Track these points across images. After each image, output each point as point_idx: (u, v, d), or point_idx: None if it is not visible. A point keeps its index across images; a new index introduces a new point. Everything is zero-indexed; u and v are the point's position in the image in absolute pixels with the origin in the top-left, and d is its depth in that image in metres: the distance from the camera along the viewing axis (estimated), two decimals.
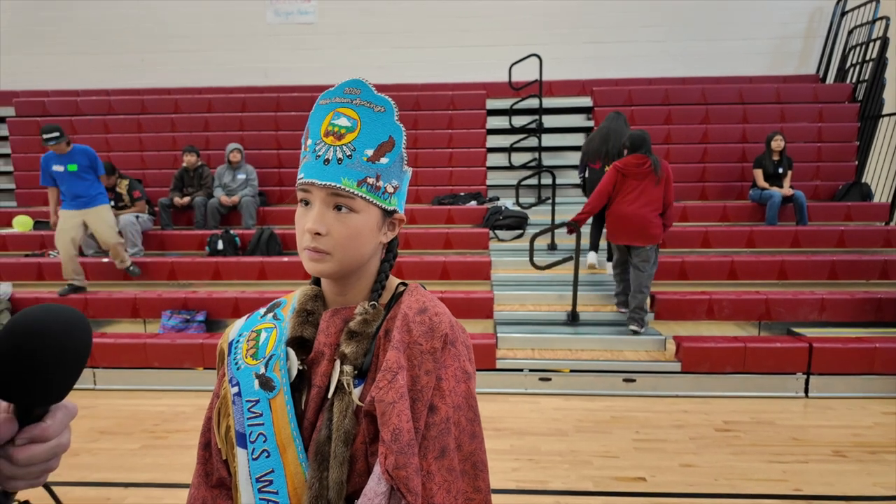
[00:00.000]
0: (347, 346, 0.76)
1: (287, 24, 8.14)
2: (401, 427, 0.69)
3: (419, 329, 0.76)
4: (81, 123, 7.31)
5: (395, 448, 0.68)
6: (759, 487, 2.78)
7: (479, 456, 0.78)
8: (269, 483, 0.75)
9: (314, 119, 0.78)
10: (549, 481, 2.84)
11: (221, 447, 0.82)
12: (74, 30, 8.28)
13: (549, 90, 7.22)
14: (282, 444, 0.75)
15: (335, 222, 0.76)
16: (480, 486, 0.77)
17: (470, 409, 0.78)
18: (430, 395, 0.73)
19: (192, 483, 0.86)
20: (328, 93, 0.78)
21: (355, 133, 0.75)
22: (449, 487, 0.72)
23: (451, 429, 0.74)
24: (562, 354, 4.23)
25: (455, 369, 0.77)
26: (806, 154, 6.50)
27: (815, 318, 4.58)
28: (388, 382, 0.71)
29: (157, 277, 5.38)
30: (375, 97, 0.77)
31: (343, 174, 0.75)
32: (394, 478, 0.67)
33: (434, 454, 0.72)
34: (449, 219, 6.25)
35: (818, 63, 7.74)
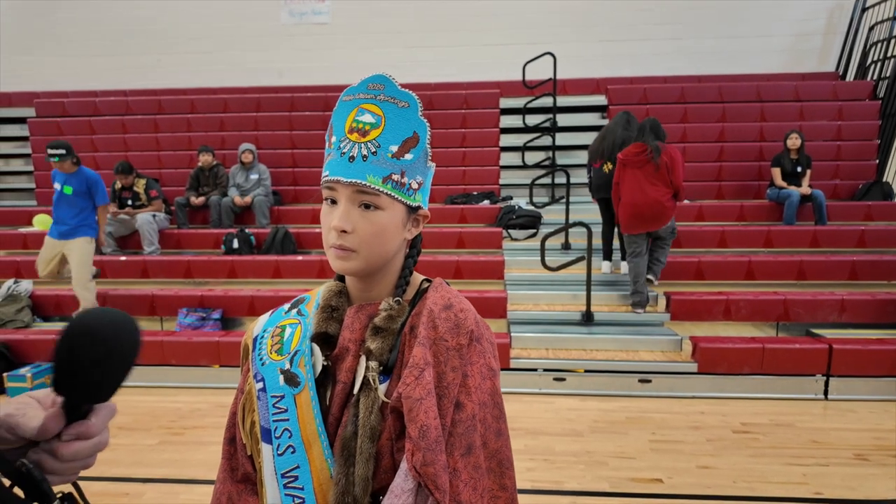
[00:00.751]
0: (373, 341, 0.76)
1: (301, 24, 8.19)
2: (428, 424, 0.69)
3: (445, 325, 0.76)
4: (100, 123, 7.42)
5: (422, 445, 0.68)
6: (778, 490, 2.74)
7: (504, 453, 0.77)
8: (295, 479, 0.75)
9: (338, 116, 0.78)
10: (565, 482, 2.83)
11: (246, 442, 0.82)
12: (93, 32, 8.41)
13: (563, 88, 7.19)
14: (307, 440, 0.76)
15: (361, 220, 0.75)
16: (506, 484, 0.76)
17: (495, 407, 0.77)
18: (455, 392, 0.73)
19: (218, 478, 0.86)
20: (351, 89, 0.78)
21: (380, 129, 0.75)
22: (475, 485, 0.72)
23: (476, 426, 0.74)
24: (576, 354, 4.20)
25: (481, 366, 0.76)
26: (825, 152, 6.40)
27: (834, 319, 4.50)
28: (415, 379, 0.71)
29: (173, 276, 5.44)
30: (399, 92, 0.77)
31: (368, 171, 0.74)
32: (421, 474, 0.67)
33: (460, 451, 0.72)
34: (462, 218, 6.24)
35: (838, 60, 7.62)
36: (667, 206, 4.28)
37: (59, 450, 0.51)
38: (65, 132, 7.42)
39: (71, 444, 0.51)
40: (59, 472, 0.52)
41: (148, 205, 5.90)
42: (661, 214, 4.30)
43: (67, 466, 0.52)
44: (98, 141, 7.34)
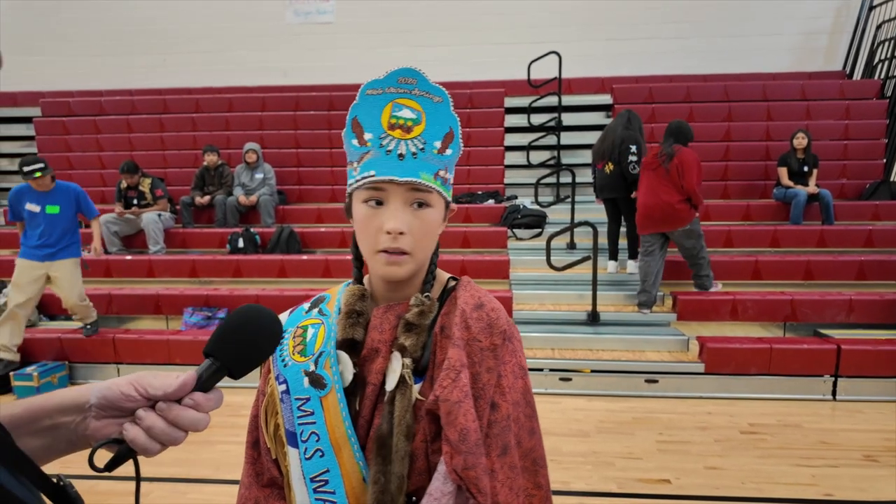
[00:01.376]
0: (406, 338, 0.75)
1: (306, 23, 8.19)
2: (468, 427, 0.68)
3: (478, 325, 0.75)
4: (105, 123, 7.44)
5: (463, 448, 0.67)
6: (787, 491, 2.72)
7: (538, 451, 0.77)
8: (325, 483, 0.74)
9: (366, 111, 0.74)
10: (572, 482, 2.81)
11: (271, 446, 0.81)
12: (98, 31, 8.43)
13: (568, 87, 7.17)
14: (336, 444, 0.74)
15: (413, 219, 0.74)
16: (541, 482, 0.77)
17: (528, 406, 0.77)
18: (491, 393, 0.72)
19: (243, 483, 0.84)
20: (377, 82, 0.74)
21: (422, 125, 0.73)
22: (511, 485, 0.72)
23: (511, 426, 0.73)
24: (582, 354, 4.19)
25: (513, 365, 0.76)
26: (832, 152, 6.36)
27: (842, 319, 4.47)
28: (452, 381, 0.70)
29: (179, 275, 5.44)
30: (432, 87, 0.75)
31: (421, 168, 0.73)
32: (463, 478, 0.67)
33: (497, 452, 0.71)
34: (466, 217, 6.23)
35: (845, 59, 7.57)
36: (677, 209, 4.31)
37: (175, 411, 0.54)
38: (70, 132, 7.45)
39: (187, 409, 0.54)
40: (156, 434, 0.53)
41: (153, 204, 5.91)
42: (671, 216, 4.34)
43: (169, 433, 0.54)
44: (103, 140, 7.36)
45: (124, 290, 5.05)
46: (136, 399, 0.54)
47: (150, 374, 0.56)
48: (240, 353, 0.58)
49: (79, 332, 4.43)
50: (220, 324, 0.59)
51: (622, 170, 4.76)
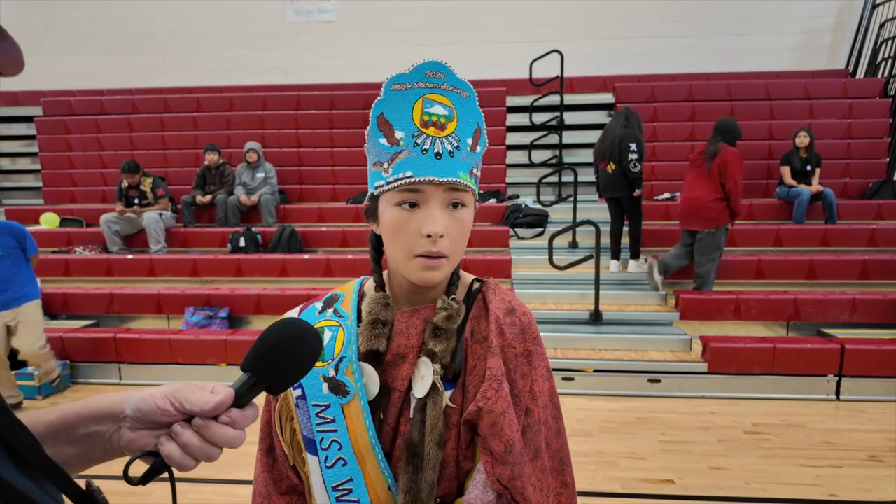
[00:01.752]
0: (436, 343, 0.73)
1: (307, 22, 8.18)
2: (513, 437, 0.68)
3: (511, 331, 0.74)
4: (106, 122, 7.43)
5: (510, 459, 0.67)
6: (792, 492, 2.71)
7: (564, 451, 0.79)
8: (349, 492, 0.72)
9: (394, 107, 0.70)
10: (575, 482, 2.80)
11: (288, 453, 0.78)
12: (100, 31, 8.42)
13: (570, 86, 7.15)
14: (360, 453, 0.72)
15: (451, 220, 0.70)
16: (567, 481, 0.78)
17: (554, 407, 0.78)
18: (526, 399, 0.72)
19: (259, 493, 0.81)
20: (402, 76, 0.71)
21: (454, 122, 0.70)
22: (541, 486, 0.73)
23: (542, 430, 0.74)
24: (585, 354, 4.17)
25: (542, 369, 0.76)
26: (835, 151, 6.34)
27: (846, 319, 4.45)
28: (496, 392, 0.69)
29: (180, 274, 5.44)
30: (460, 82, 0.72)
31: (458, 168, 0.70)
32: (510, 489, 0.67)
33: (529, 456, 0.71)
34: None
35: (848, 57, 7.54)
36: (708, 207, 4.40)
37: (212, 429, 0.52)
38: (71, 131, 7.44)
39: (224, 427, 0.53)
40: (192, 451, 0.52)
41: (154, 203, 5.90)
42: (701, 212, 4.45)
43: (205, 450, 0.53)
44: (104, 139, 7.36)
45: (125, 290, 5.04)
46: (171, 413, 0.53)
47: (188, 387, 0.55)
48: (280, 370, 0.56)
49: (80, 331, 4.43)
50: (259, 338, 0.57)
51: (623, 169, 4.74)
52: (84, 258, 5.58)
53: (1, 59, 0.35)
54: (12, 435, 0.42)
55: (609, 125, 5.02)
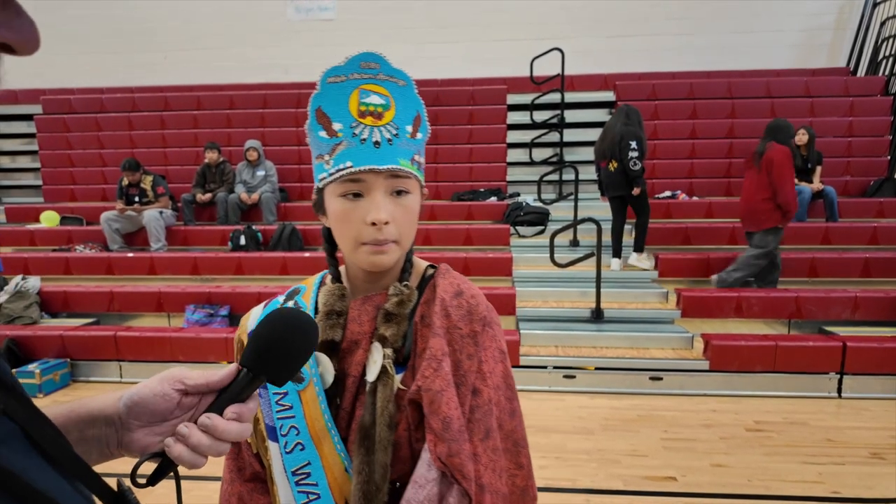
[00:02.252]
0: (386, 328, 0.75)
1: (307, 20, 8.17)
2: (451, 415, 0.69)
3: (457, 313, 0.75)
4: (106, 121, 7.42)
5: (447, 436, 0.68)
6: (794, 489, 2.70)
7: (519, 433, 0.78)
8: (307, 476, 0.73)
9: (331, 100, 0.71)
10: (578, 479, 2.80)
11: (251, 441, 0.80)
12: (99, 29, 8.41)
13: (570, 84, 7.14)
14: (316, 437, 0.74)
15: (396, 207, 0.72)
16: (522, 462, 0.77)
17: (508, 388, 0.78)
18: (473, 379, 0.73)
19: (225, 479, 0.84)
20: (337, 69, 0.71)
21: (392, 111, 0.71)
22: (494, 467, 0.72)
23: (493, 410, 0.74)
24: (586, 352, 4.17)
25: (493, 350, 0.77)
26: (836, 149, 6.34)
27: (847, 316, 4.45)
28: (434, 371, 0.70)
29: (180, 272, 5.43)
30: (396, 71, 0.73)
31: (398, 155, 0.71)
32: (447, 465, 0.67)
33: (479, 436, 0.72)
34: (469, 215, 6.21)
35: (849, 55, 7.54)
36: (758, 209, 4.43)
37: (219, 426, 0.52)
38: (71, 129, 7.43)
39: (231, 423, 0.53)
40: (203, 450, 0.52)
41: (155, 201, 5.89)
42: (751, 214, 4.50)
43: (214, 447, 0.52)
44: (104, 138, 7.35)
45: (126, 288, 5.04)
46: (172, 397, 0.54)
47: (181, 370, 0.55)
48: (280, 363, 0.56)
49: (81, 330, 4.42)
50: (256, 332, 0.56)
51: (624, 167, 4.74)
52: (84, 256, 5.57)
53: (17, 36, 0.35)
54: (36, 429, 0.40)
55: (609, 123, 5.01)
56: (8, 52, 0.36)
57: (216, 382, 0.54)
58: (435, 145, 6.91)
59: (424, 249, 5.64)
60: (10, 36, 0.34)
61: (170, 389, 0.53)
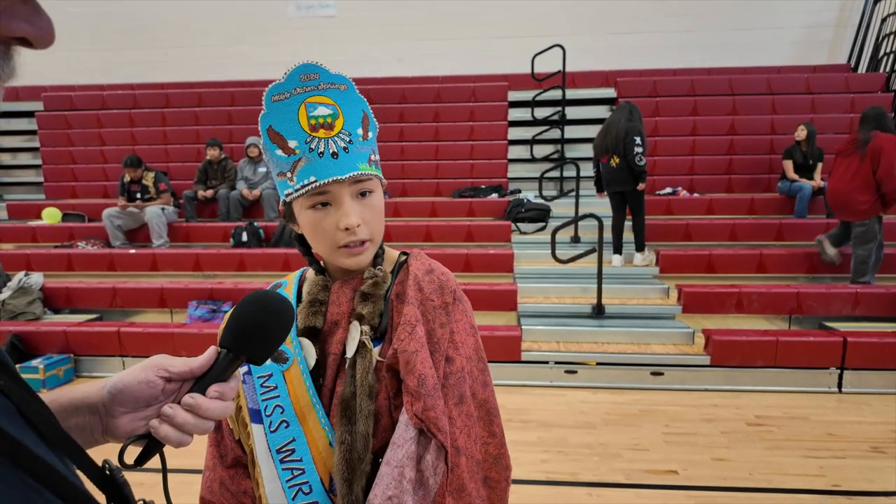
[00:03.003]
0: (363, 307, 0.79)
1: (308, 17, 8.16)
2: (425, 373, 0.72)
3: (430, 287, 0.80)
4: (107, 117, 7.42)
5: (422, 392, 0.71)
6: (795, 482, 2.72)
7: (491, 403, 0.81)
8: (292, 452, 0.75)
9: (281, 119, 0.73)
10: (580, 473, 2.82)
11: (233, 427, 0.82)
12: (100, 25, 8.40)
13: (571, 81, 7.14)
14: (301, 413, 0.76)
15: (364, 209, 0.77)
16: (495, 431, 0.81)
17: (480, 360, 0.82)
18: (445, 347, 0.77)
19: (207, 466, 0.86)
20: (279, 87, 0.73)
21: (340, 119, 0.74)
22: (469, 432, 0.76)
23: (465, 378, 0.77)
24: (588, 347, 4.18)
25: (464, 324, 0.81)
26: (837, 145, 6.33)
27: (848, 312, 4.46)
28: (409, 334, 0.74)
29: (183, 268, 5.44)
30: (335, 77, 0.76)
31: (357, 160, 0.75)
32: (423, 420, 0.70)
33: (454, 401, 0.75)
34: (470, 211, 6.22)
35: (850, 52, 7.54)
36: (856, 200, 4.35)
37: (203, 404, 0.54)
38: (72, 126, 7.44)
39: (213, 400, 0.55)
40: (188, 429, 0.54)
41: (157, 198, 5.90)
42: (847, 204, 4.43)
43: (199, 425, 0.55)
44: (106, 135, 7.35)
45: (129, 284, 5.05)
46: (156, 384, 0.55)
47: (165, 356, 0.57)
48: (257, 343, 0.59)
49: (84, 325, 4.43)
50: (233, 314, 0.59)
51: (628, 162, 4.74)
52: (87, 253, 5.58)
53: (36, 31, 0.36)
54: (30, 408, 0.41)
55: (611, 119, 5.01)
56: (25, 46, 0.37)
57: (198, 367, 0.57)
58: (436, 142, 6.92)
59: (426, 246, 5.66)
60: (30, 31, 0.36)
61: (153, 376, 0.55)
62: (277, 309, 0.60)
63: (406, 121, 7.10)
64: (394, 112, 7.13)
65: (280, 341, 0.62)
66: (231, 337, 0.58)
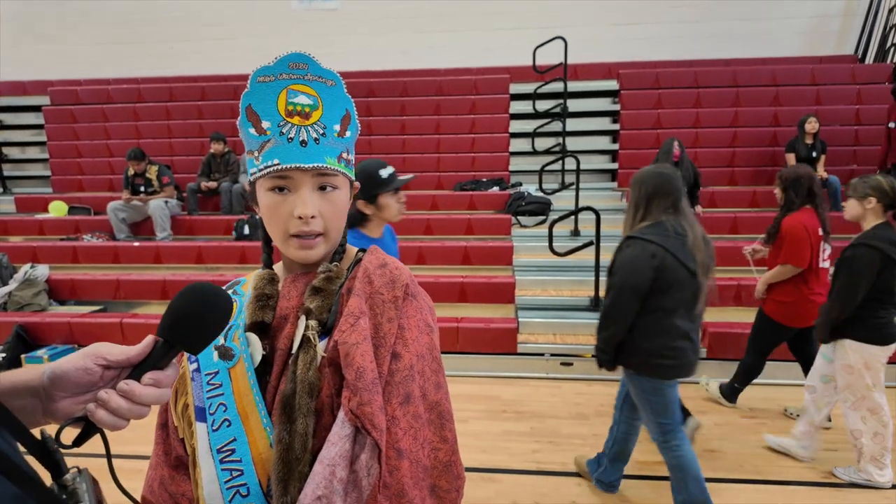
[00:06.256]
0: (312, 301, 0.77)
1: (311, 10, 8.17)
2: (364, 366, 0.69)
3: (380, 280, 0.77)
4: (112, 111, 7.49)
5: (359, 386, 0.67)
6: (787, 474, 2.73)
7: (444, 406, 0.77)
8: (232, 452, 0.73)
9: (260, 99, 0.75)
10: (570, 463, 2.84)
11: (178, 425, 0.80)
12: (105, 20, 8.46)
13: (573, 73, 7.11)
14: (243, 412, 0.74)
15: (323, 202, 0.76)
16: (447, 436, 0.76)
17: (434, 360, 0.78)
18: (392, 342, 0.73)
19: (151, 463, 0.84)
20: (267, 69, 0.75)
21: (320, 111, 0.75)
22: (415, 435, 0.72)
23: (414, 376, 0.73)
24: (584, 339, 4.19)
25: (417, 321, 0.77)
26: (842, 138, 6.27)
27: None
28: (351, 326, 0.71)
29: (185, 261, 5.50)
30: (325, 71, 0.76)
31: (325, 153, 0.75)
32: (358, 415, 0.66)
33: (398, 400, 0.71)
34: (471, 205, 6.23)
35: (857, 43, 7.43)
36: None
37: (136, 390, 0.56)
38: (78, 120, 7.51)
39: (148, 387, 0.57)
40: (122, 414, 0.56)
41: (160, 191, 5.96)
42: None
43: (134, 410, 0.57)
44: (111, 129, 7.42)
45: (132, 276, 5.12)
46: (94, 371, 0.57)
47: (104, 345, 0.59)
48: (192, 333, 0.61)
49: (88, 317, 4.51)
50: (170, 304, 0.61)
51: None
52: (92, 245, 5.66)
53: None
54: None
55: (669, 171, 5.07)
56: None
57: (135, 356, 0.59)
58: (437, 135, 6.92)
59: (426, 239, 5.68)
60: None
61: (91, 364, 0.57)
62: (212, 300, 0.61)
63: (408, 114, 7.11)
64: (395, 105, 7.13)
65: (215, 332, 0.62)
66: (166, 327, 0.59)
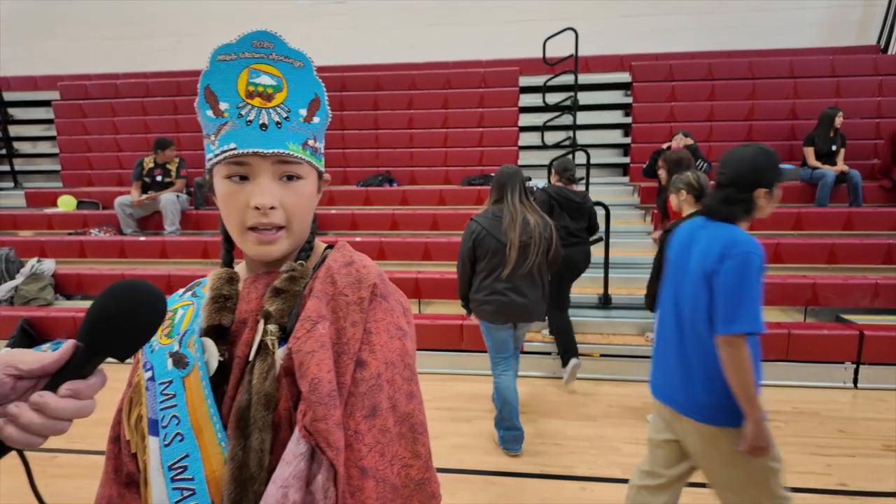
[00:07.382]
0: (272, 303, 0.70)
1: (318, 4, 8.10)
2: (320, 377, 0.62)
3: (345, 280, 0.70)
4: (121, 106, 7.50)
5: (313, 399, 0.61)
6: (800, 480, 2.62)
7: (417, 417, 0.70)
8: (184, 469, 0.66)
9: (220, 78, 0.68)
10: (575, 466, 2.76)
11: (130, 438, 0.73)
12: (113, 15, 8.48)
13: (584, 66, 6.96)
14: (197, 425, 0.67)
15: (285, 192, 0.70)
16: (420, 451, 0.69)
17: (406, 368, 0.71)
18: (357, 349, 0.66)
19: (101, 481, 0.77)
20: (228, 46, 0.68)
21: (284, 93, 0.68)
22: (383, 451, 0.65)
23: (383, 386, 0.66)
24: (592, 339, 4.10)
25: (387, 324, 0.70)
26: (863, 131, 6.07)
27: (866, 304, 4.29)
28: (307, 332, 0.65)
29: (191, 256, 5.49)
30: (292, 51, 0.70)
31: (287, 139, 0.68)
32: (311, 432, 0.60)
33: (363, 412, 0.64)
34: (479, 200, 6.14)
35: (879, 32, 7.19)
36: None
37: (51, 403, 0.50)
38: (87, 115, 7.53)
39: (65, 399, 0.50)
40: (35, 430, 0.50)
41: (175, 183, 5.95)
42: None
43: (49, 426, 0.50)
44: (119, 123, 7.43)
45: (138, 271, 5.12)
46: (4, 382, 0.51)
47: (20, 352, 0.52)
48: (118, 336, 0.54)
49: None
50: (92, 305, 0.54)
51: None
52: (98, 240, 5.67)
53: None
54: None
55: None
56: None
57: (51, 364, 0.52)
58: (444, 129, 6.83)
59: (432, 234, 5.61)
60: None
61: (1, 375, 0.51)
62: (137, 299, 0.55)
63: (415, 108, 7.02)
64: (403, 99, 7.05)
65: (144, 336, 0.56)
66: (87, 330, 0.53)
